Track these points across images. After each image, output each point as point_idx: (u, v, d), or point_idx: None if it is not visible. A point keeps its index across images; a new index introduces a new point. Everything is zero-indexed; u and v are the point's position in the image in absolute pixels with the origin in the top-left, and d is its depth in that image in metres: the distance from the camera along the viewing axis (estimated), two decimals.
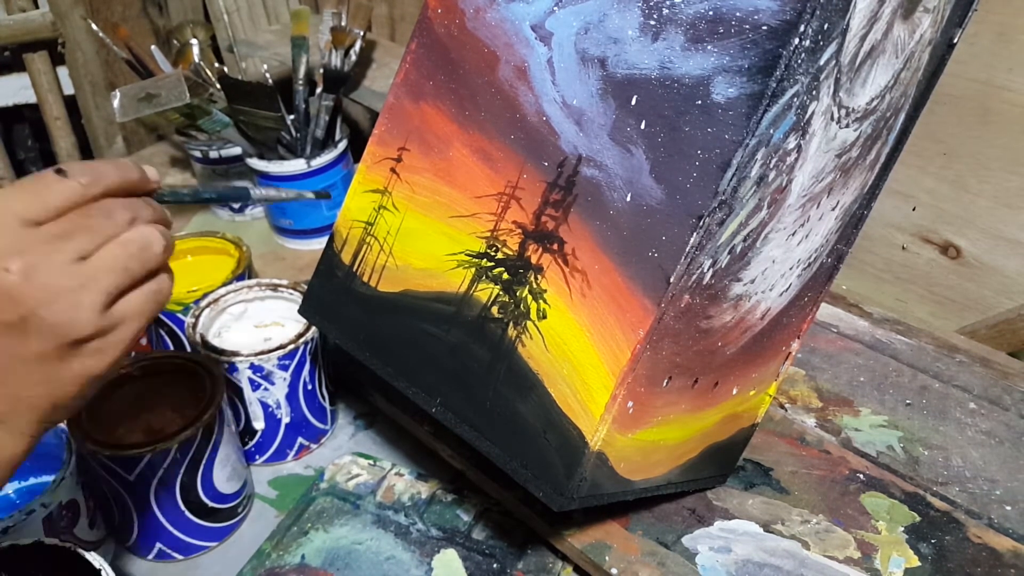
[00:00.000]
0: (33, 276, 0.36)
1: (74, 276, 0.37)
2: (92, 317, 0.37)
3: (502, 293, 0.48)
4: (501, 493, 0.62)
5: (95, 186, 0.38)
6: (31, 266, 0.36)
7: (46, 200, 0.37)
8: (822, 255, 0.53)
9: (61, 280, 0.37)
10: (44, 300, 0.36)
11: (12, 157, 1.27)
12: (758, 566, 0.55)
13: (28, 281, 0.36)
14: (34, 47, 1.19)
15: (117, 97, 0.80)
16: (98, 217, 0.38)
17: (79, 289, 0.37)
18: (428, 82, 0.51)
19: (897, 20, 0.44)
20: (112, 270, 0.38)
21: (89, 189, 0.38)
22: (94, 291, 0.37)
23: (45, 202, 0.37)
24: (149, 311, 0.40)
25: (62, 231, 0.37)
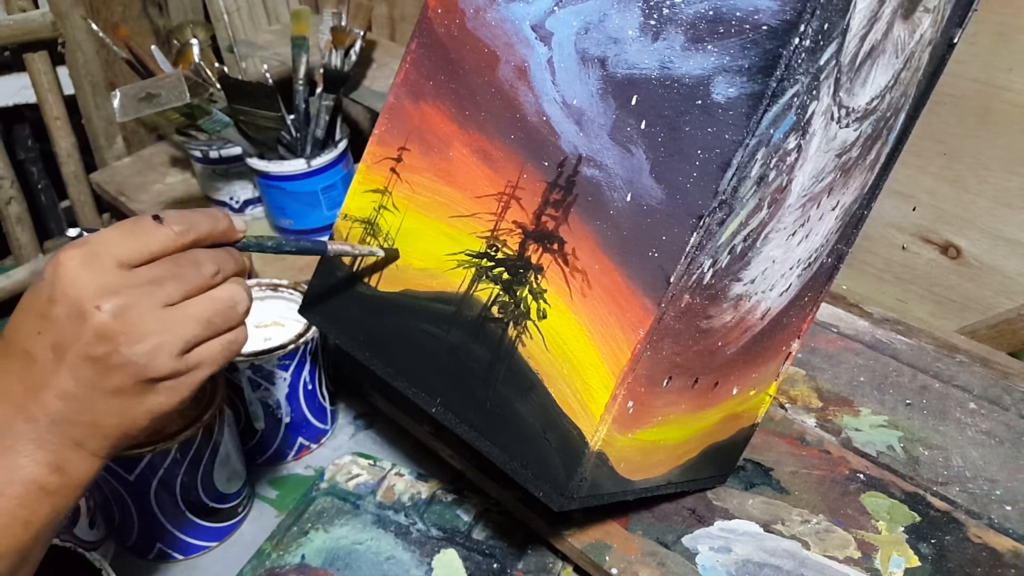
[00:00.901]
0: (122, 316, 0.38)
1: (160, 321, 0.39)
2: (169, 361, 0.40)
3: (502, 293, 0.48)
4: (501, 493, 0.62)
5: (187, 235, 0.41)
6: (122, 307, 0.38)
7: (142, 245, 0.40)
8: (822, 255, 0.53)
9: (149, 323, 0.39)
10: (130, 340, 0.39)
11: (12, 157, 1.27)
12: (758, 566, 0.55)
13: (117, 320, 0.38)
14: (34, 47, 1.19)
15: (117, 97, 0.80)
16: (188, 267, 0.41)
17: (163, 333, 0.39)
18: (428, 82, 0.51)
19: (897, 20, 0.44)
20: (197, 321, 0.41)
21: (181, 237, 0.41)
22: (176, 337, 0.40)
23: (140, 247, 0.39)
24: (222, 360, 0.43)
25: (154, 277, 0.40)
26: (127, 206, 1.14)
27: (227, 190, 1.03)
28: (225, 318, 0.42)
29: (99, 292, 0.38)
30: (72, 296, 0.38)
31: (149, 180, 1.18)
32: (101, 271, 0.39)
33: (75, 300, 0.38)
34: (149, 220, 0.40)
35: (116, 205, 1.19)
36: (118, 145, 1.28)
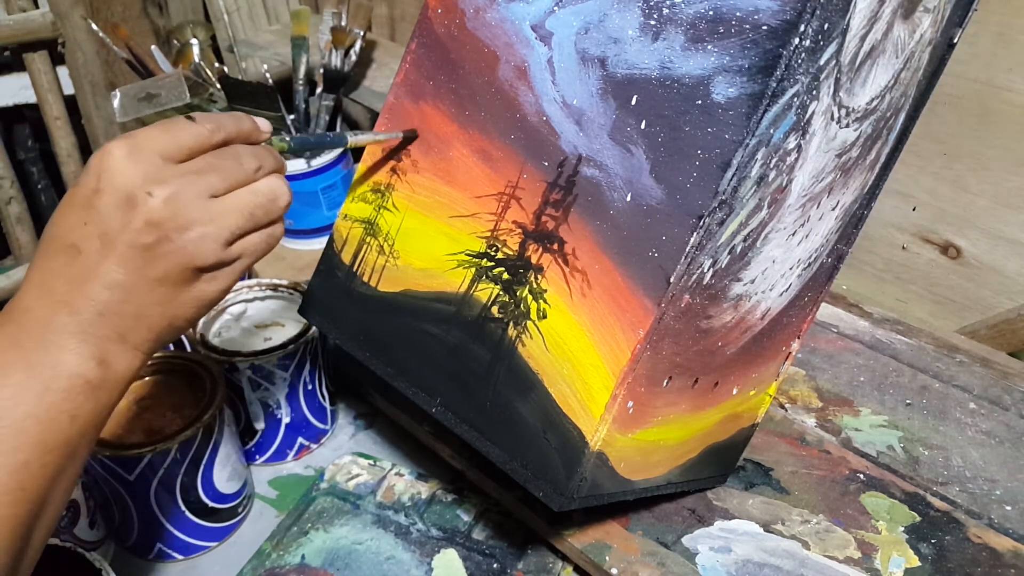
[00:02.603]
0: (172, 203, 0.39)
1: (206, 210, 0.40)
2: (216, 249, 0.41)
3: (502, 293, 0.48)
4: (501, 493, 0.62)
5: (218, 132, 0.42)
6: (172, 195, 0.39)
7: (179, 140, 0.40)
8: (822, 255, 0.53)
9: (195, 212, 0.40)
10: (178, 227, 0.39)
11: (12, 157, 1.27)
12: (758, 566, 0.55)
13: (167, 207, 0.39)
14: (34, 47, 1.19)
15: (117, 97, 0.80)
16: (229, 160, 0.42)
17: (208, 222, 0.40)
18: (428, 82, 0.51)
19: (897, 20, 0.44)
20: (240, 212, 0.41)
21: (214, 135, 0.42)
22: (222, 227, 0.41)
23: (178, 141, 0.40)
24: (262, 251, 0.44)
25: (198, 168, 0.40)
26: None
27: None
28: (266, 211, 0.43)
29: (147, 180, 0.39)
30: (120, 185, 0.38)
31: None
32: (147, 162, 0.39)
33: (124, 188, 0.38)
34: (183, 119, 0.41)
35: None
36: None
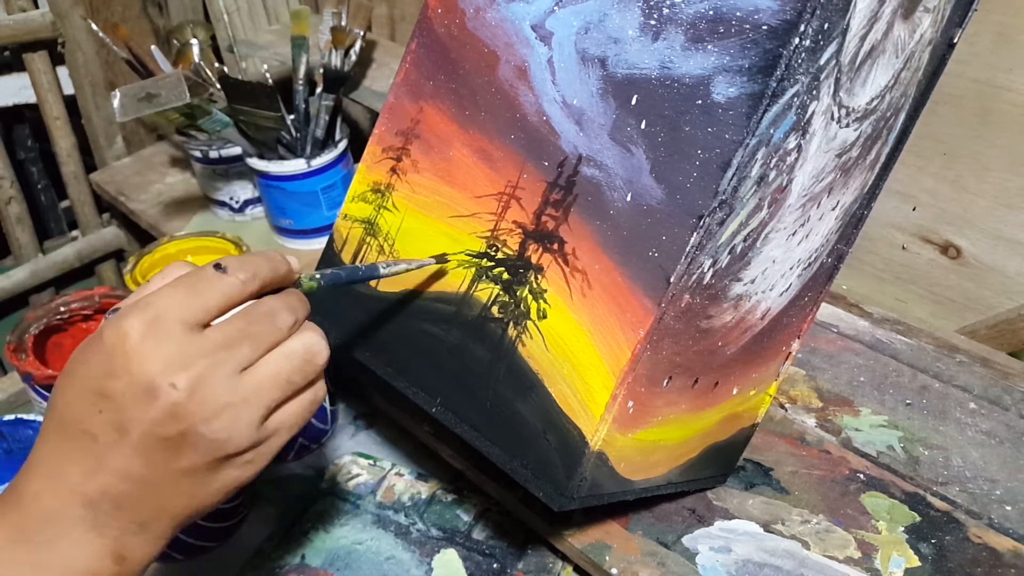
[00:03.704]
0: (197, 392, 0.35)
1: (237, 391, 0.36)
2: (250, 433, 0.36)
3: (502, 293, 0.48)
4: (501, 493, 0.62)
5: (252, 283, 0.37)
6: (196, 381, 0.34)
7: (207, 301, 0.36)
8: (822, 255, 0.53)
9: (224, 396, 0.35)
10: (205, 417, 0.35)
11: (12, 157, 1.27)
12: (758, 566, 0.55)
13: (192, 397, 0.34)
14: (34, 47, 1.19)
15: (117, 97, 0.80)
16: (262, 323, 0.37)
17: (240, 404, 0.36)
18: (428, 82, 0.51)
19: (897, 20, 0.44)
20: (275, 384, 0.37)
21: (247, 286, 0.37)
22: (255, 406, 0.36)
23: (206, 303, 0.36)
24: (302, 421, 0.39)
25: (226, 340, 0.36)
26: (127, 206, 1.14)
27: (227, 190, 1.03)
28: (304, 374, 0.38)
29: (169, 366, 0.34)
30: (137, 372, 0.34)
31: (149, 180, 1.18)
32: (168, 339, 0.34)
33: (141, 376, 0.34)
34: (211, 271, 0.36)
35: (116, 205, 1.19)
36: (118, 145, 1.28)
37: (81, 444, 0.35)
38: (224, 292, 0.36)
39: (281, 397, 0.37)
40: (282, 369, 0.37)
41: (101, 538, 0.35)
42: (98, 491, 0.35)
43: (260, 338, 0.36)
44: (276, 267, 0.39)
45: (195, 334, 0.35)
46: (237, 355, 0.36)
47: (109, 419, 0.35)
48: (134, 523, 0.36)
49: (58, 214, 1.39)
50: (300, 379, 0.38)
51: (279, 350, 0.37)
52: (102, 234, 1.34)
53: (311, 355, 0.38)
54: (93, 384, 0.35)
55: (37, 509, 0.35)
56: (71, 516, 0.35)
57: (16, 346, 0.74)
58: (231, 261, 0.37)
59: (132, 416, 0.34)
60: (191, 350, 0.35)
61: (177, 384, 0.34)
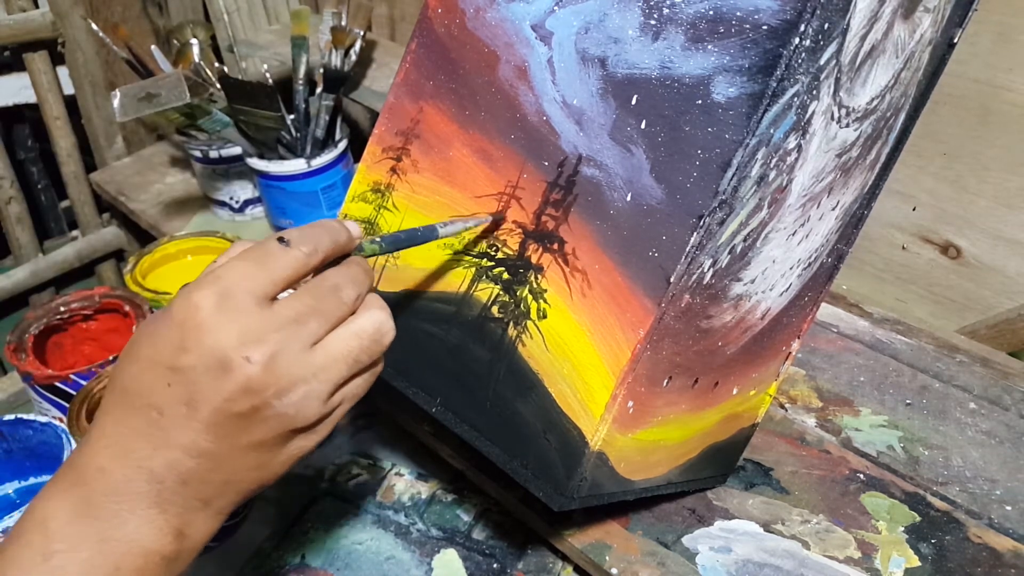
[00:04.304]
0: (272, 366, 0.34)
1: (308, 366, 0.36)
2: (319, 408, 0.36)
3: (502, 293, 0.48)
4: (501, 493, 0.62)
5: (315, 255, 0.37)
6: (271, 356, 0.34)
7: (274, 274, 0.36)
8: (822, 255, 0.53)
9: (296, 370, 0.35)
10: (279, 392, 0.35)
11: (12, 157, 1.27)
12: (758, 566, 0.55)
13: (266, 372, 0.34)
14: (34, 47, 1.19)
15: (117, 97, 0.80)
16: (329, 299, 0.37)
17: (312, 380, 0.36)
18: (428, 82, 0.51)
19: (897, 20, 0.44)
20: (344, 361, 0.37)
21: (311, 259, 0.37)
22: (324, 382, 0.36)
23: (273, 276, 0.36)
24: (363, 393, 0.39)
25: (296, 314, 0.36)
26: (127, 206, 1.14)
27: (227, 190, 1.03)
28: (371, 354, 0.38)
29: (243, 339, 0.34)
30: (211, 345, 0.34)
31: (149, 180, 1.18)
32: (240, 313, 0.34)
33: (216, 351, 0.34)
34: (276, 245, 0.36)
35: (116, 205, 1.19)
36: (118, 145, 1.28)
37: (147, 419, 0.35)
38: (290, 265, 0.36)
39: (348, 374, 0.37)
40: (352, 348, 0.37)
41: (163, 514, 0.35)
42: (164, 466, 0.35)
43: (328, 314, 0.37)
44: (336, 237, 0.39)
45: (266, 308, 0.35)
46: (307, 331, 0.36)
47: (178, 393, 0.34)
48: (198, 499, 0.36)
49: (58, 214, 1.39)
50: (367, 358, 0.38)
51: (349, 328, 0.37)
52: (102, 234, 1.34)
53: (379, 335, 0.38)
54: (162, 358, 0.34)
55: (102, 484, 0.35)
56: (135, 491, 0.35)
57: (16, 346, 0.74)
58: (293, 234, 0.37)
59: (203, 390, 0.34)
60: (264, 324, 0.34)
61: (252, 358, 0.34)
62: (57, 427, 0.65)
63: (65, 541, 0.34)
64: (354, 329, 0.37)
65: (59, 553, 0.34)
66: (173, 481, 0.35)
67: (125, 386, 0.36)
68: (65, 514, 0.35)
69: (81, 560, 0.34)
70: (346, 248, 0.39)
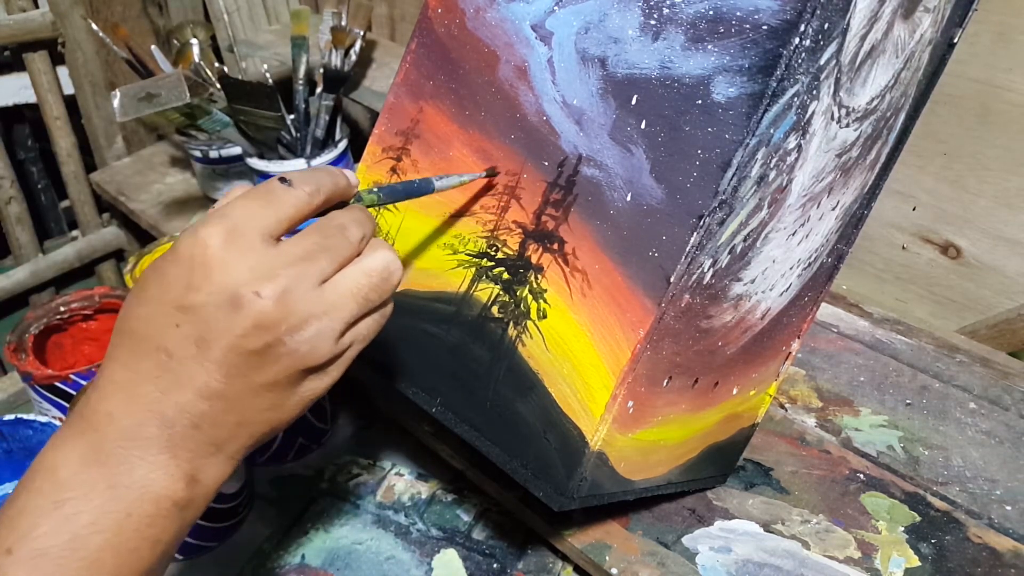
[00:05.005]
0: (284, 301, 0.34)
1: (319, 303, 0.35)
2: (330, 345, 0.36)
3: (502, 293, 0.48)
4: (501, 493, 0.62)
5: (317, 196, 0.37)
6: (282, 291, 0.34)
7: (279, 212, 0.35)
8: (822, 255, 0.53)
9: (308, 307, 0.35)
10: (291, 328, 0.34)
11: (12, 157, 1.27)
12: (758, 566, 0.55)
13: (278, 307, 0.34)
14: (34, 47, 1.19)
15: (117, 97, 0.80)
16: (336, 235, 0.37)
17: (323, 316, 0.35)
18: (428, 82, 0.51)
19: (897, 20, 0.44)
20: (355, 298, 0.37)
21: (313, 199, 0.37)
22: (336, 319, 0.36)
23: (279, 214, 0.35)
24: (373, 335, 0.39)
25: (305, 252, 0.35)
26: (127, 206, 1.14)
27: (227, 190, 1.03)
28: (380, 292, 0.38)
29: (254, 275, 0.33)
30: (221, 283, 0.33)
31: (149, 180, 1.18)
32: (249, 249, 0.34)
33: (227, 287, 0.33)
34: (279, 184, 0.36)
35: (116, 205, 1.19)
36: (118, 145, 1.28)
37: (156, 361, 0.34)
38: (294, 204, 0.36)
39: (359, 313, 0.37)
40: (362, 285, 0.37)
41: (175, 459, 0.35)
42: (175, 409, 0.34)
43: (336, 251, 0.36)
44: (337, 180, 0.38)
45: (273, 246, 0.34)
46: (317, 267, 0.35)
47: (188, 333, 0.33)
48: (210, 443, 0.35)
49: (58, 214, 1.39)
50: (376, 297, 0.38)
51: (358, 266, 0.37)
52: (102, 234, 1.34)
53: (388, 273, 0.38)
54: (170, 297, 0.34)
55: (112, 430, 0.34)
56: (145, 436, 0.34)
57: (16, 346, 0.74)
58: (294, 175, 0.37)
59: (214, 329, 0.33)
60: (273, 261, 0.34)
61: (263, 293, 0.33)
62: (57, 427, 0.65)
63: (75, 489, 0.34)
64: (363, 267, 0.37)
65: (70, 500, 0.34)
66: (184, 425, 0.34)
67: (132, 328, 0.35)
68: (75, 461, 0.34)
69: (92, 507, 0.33)
70: (346, 193, 0.39)
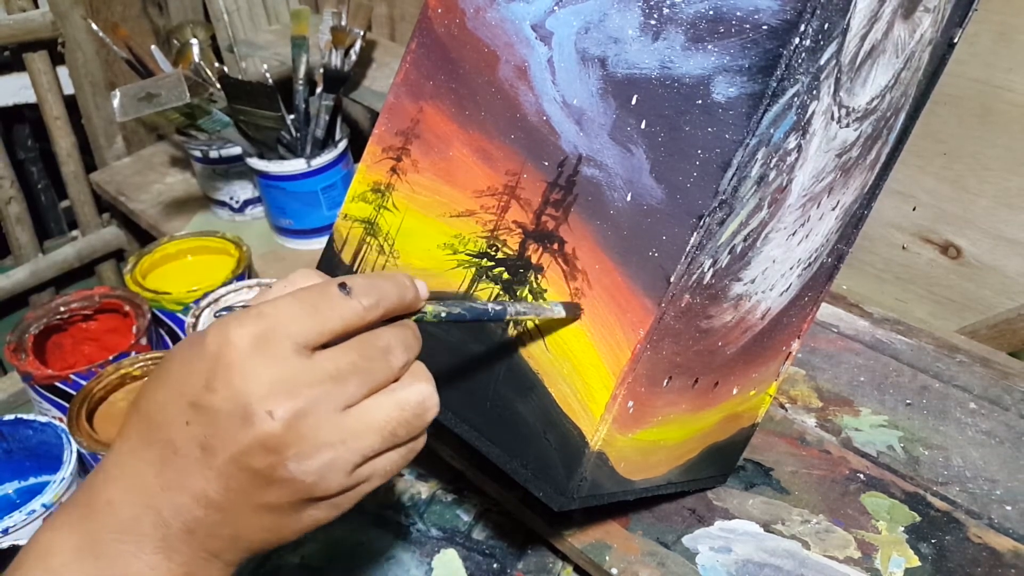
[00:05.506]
0: (296, 426, 0.31)
1: (337, 431, 0.32)
2: (342, 479, 0.33)
3: (502, 293, 0.48)
4: (501, 493, 0.62)
5: (375, 311, 0.34)
6: (297, 413, 0.31)
7: (324, 323, 0.32)
8: (822, 255, 0.53)
9: (323, 434, 0.32)
10: (299, 455, 0.32)
11: (12, 157, 1.27)
12: (758, 566, 0.55)
13: (290, 431, 0.31)
14: (34, 47, 1.19)
15: (117, 97, 0.80)
16: (376, 359, 0.33)
17: (339, 446, 0.32)
18: (428, 82, 0.51)
19: (897, 20, 0.44)
20: (380, 432, 0.33)
21: (369, 314, 0.33)
22: (352, 451, 0.33)
23: (322, 326, 0.32)
24: (395, 471, 0.36)
25: (337, 371, 0.32)
26: (127, 206, 1.14)
27: (227, 190, 1.03)
28: (410, 429, 0.34)
29: (272, 390, 0.31)
30: (238, 389, 0.31)
31: (149, 180, 1.18)
32: (276, 359, 0.31)
33: (241, 396, 0.31)
34: (335, 290, 0.33)
35: (116, 205, 1.19)
36: (118, 145, 1.28)
37: (161, 454, 0.33)
38: (344, 317, 0.33)
39: (382, 447, 0.34)
40: (391, 418, 0.34)
41: (168, 562, 0.33)
42: (171, 510, 0.33)
43: (371, 375, 0.33)
44: (403, 295, 0.35)
45: (304, 358, 0.32)
46: (344, 391, 0.32)
47: (196, 434, 0.32)
48: (205, 551, 0.34)
49: (58, 214, 1.39)
50: (405, 433, 0.34)
51: (391, 396, 0.34)
52: (102, 234, 1.34)
53: (423, 409, 0.35)
54: (186, 391, 0.32)
55: (110, 519, 0.33)
56: (141, 530, 0.33)
57: (16, 346, 0.74)
58: (358, 282, 0.33)
59: (221, 437, 0.31)
60: (297, 376, 0.31)
61: (275, 413, 0.31)
62: (57, 427, 0.65)
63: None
64: (397, 398, 0.34)
65: None
66: (179, 528, 0.33)
67: (147, 411, 0.34)
68: (69, 550, 0.33)
69: None
70: (409, 308, 0.36)
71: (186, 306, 0.81)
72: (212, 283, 0.82)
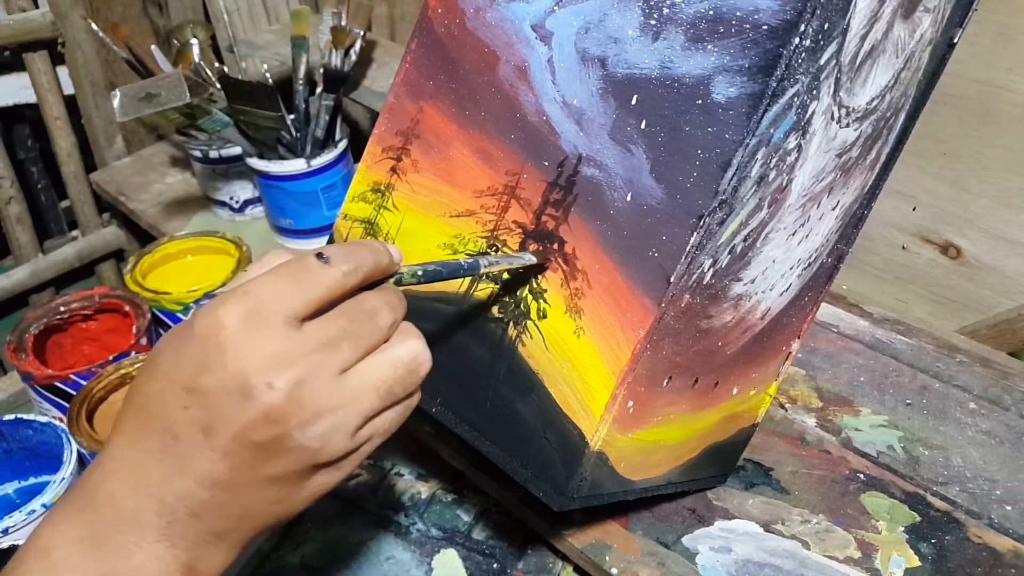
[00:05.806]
0: (297, 394, 0.32)
1: (336, 395, 0.33)
2: (345, 441, 0.34)
3: (502, 293, 0.48)
4: (501, 493, 0.62)
5: (355, 275, 0.34)
6: (296, 382, 0.32)
7: (308, 293, 0.33)
8: (822, 255, 0.53)
9: (323, 399, 0.32)
10: (302, 422, 0.32)
11: (12, 157, 1.27)
12: (758, 566, 0.55)
13: (291, 400, 0.32)
14: (34, 47, 1.19)
15: (117, 97, 0.80)
16: (363, 320, 0.34)
17: (339, 410, 0.33)
18: (428, 82, 0.51)
19: (897, 20, 0.44)
20: (376, 391, 0.34)
21: (349, 279, 0.34)
22: (353, 413, 0.33)
23: (307, 295, 0.33)
24: (395, 428, 0.37)
25: (328, 338, 0.33)
26: (127, 205, 1.14)
27: (227, 190, 1.03)
28: (405, 385, 0.35)
29: (268, 363, 0.31)
30: (234, 368, 0.31)
31: (149, 180, 1.18)
32: (267, 334, 0.31)
33: (238, 373, 0.31)
34: (313, 261, 0.34)
35: (116, 205, 1.19)
36: (118, 145, 1.28)
37: (161, 443, 0.33)
38: (326, 285, 0.33)
39: (380, 406, 0.35)
40: (386, 377, 0.35)
41: (172, 548, 0.33)
42: (175, 496, 0.33)
43: (362, 338, 0.34)
44: (379, 259, 0.36)
45: (295, 330, 0.32)
46: (338, 356, 0.33)
47: (195, 417, 0.32)
48: (211, 533, 0.34)
49: (58, 214, 1.39)
50: (401, 390, 0.35)
51: (384, 356, 0.35)
52: (102, 234, 1.34)
53: (416, 365, 0.36)
54: (181, 377, 0.32)
55: (111, 512, 0.33)
56: (143, 521, 0.33)
57: (16, 346, 0.74)
58: (334, 251, 0.34)
59: (222, 416, 0.32)
60: (291, 347, 0.32)
61: (274, 384, 0.31)
62: (57, 427, 0.65)
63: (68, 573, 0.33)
64: (390, 357, 0.35)
65: None
66: (183, 513, 0.33)
67: (142, 404, 0.34)
68: (70, 543, 0.33)
69: None
70: (387, 272, 0.37)
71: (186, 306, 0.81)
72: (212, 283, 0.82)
